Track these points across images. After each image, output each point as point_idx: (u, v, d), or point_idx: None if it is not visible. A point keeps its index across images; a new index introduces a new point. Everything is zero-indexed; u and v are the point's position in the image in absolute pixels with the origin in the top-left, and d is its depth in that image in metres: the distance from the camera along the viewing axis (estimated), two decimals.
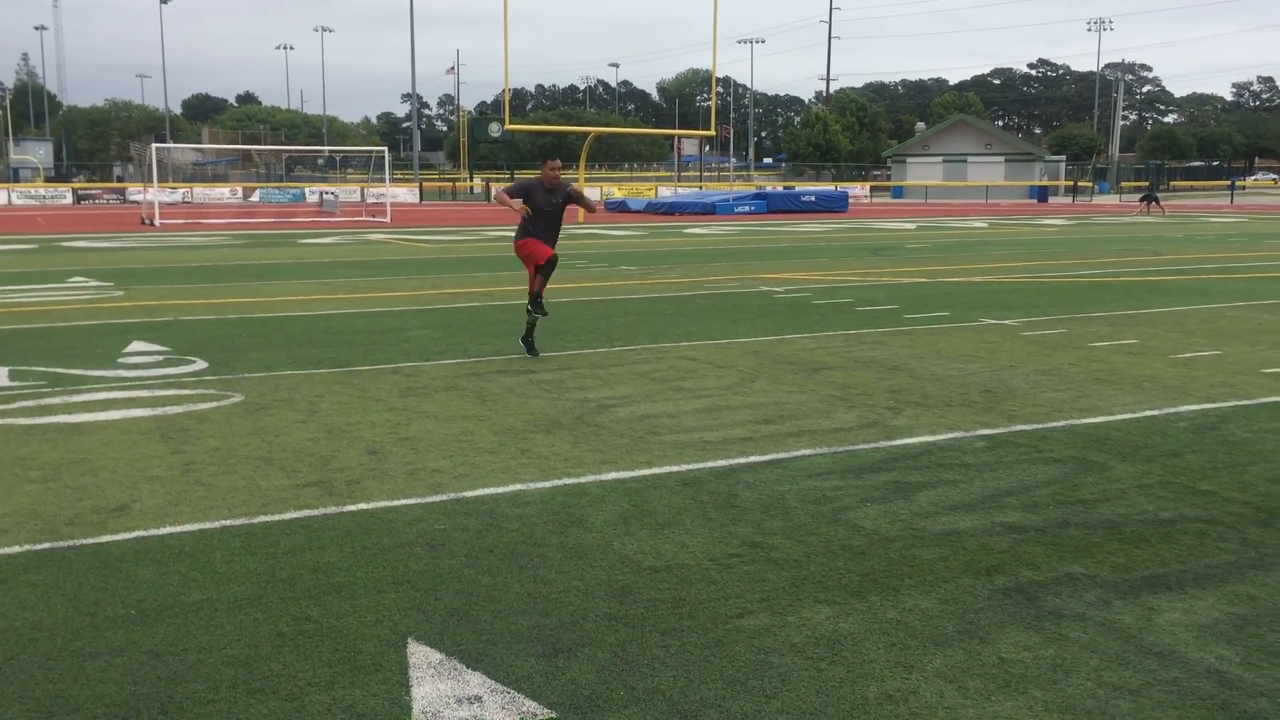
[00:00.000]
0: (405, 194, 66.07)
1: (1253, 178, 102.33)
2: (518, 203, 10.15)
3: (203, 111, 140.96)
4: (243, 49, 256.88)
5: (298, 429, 7.36)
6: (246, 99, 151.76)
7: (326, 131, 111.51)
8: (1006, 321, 12.67)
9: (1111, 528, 5.33)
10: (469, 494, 5.87)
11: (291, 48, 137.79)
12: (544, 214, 10.28)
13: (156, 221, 36.72)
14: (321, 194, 58.71)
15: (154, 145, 38.64)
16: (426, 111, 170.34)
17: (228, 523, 5.39)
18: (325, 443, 6.99)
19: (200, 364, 9.89)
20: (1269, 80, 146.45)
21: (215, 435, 7.18)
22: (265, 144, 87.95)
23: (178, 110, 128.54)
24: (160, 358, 10.25)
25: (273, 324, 12.63)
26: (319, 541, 5.12)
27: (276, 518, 5.47)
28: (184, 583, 4.61)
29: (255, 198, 63.19)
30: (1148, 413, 7.88)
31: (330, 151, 78.67)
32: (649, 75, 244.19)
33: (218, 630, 4.14)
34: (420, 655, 3.92)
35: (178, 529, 5.30)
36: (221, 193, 64.09)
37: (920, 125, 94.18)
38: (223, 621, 4.22)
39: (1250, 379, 9.17)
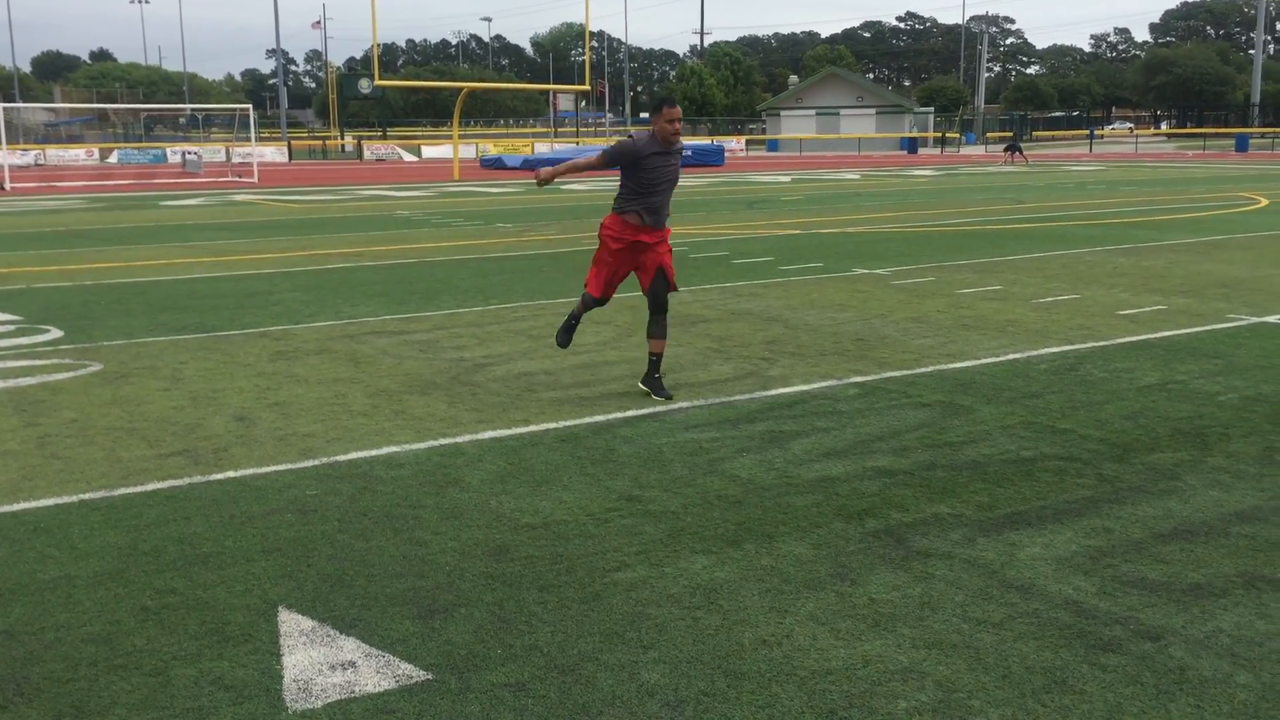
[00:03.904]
0: (273, 153, 64.10)
1: (1110, 127, 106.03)
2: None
3: (54, 70, 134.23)
4: (95, 3, 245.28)
5: (160, 397, 7.12)
6: (101, 56, 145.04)
7: (188, 89, 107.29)
8: (878, 271, 12.92)
9: (976, 468, 5.50)
10: (342, 458, 5.76)
11: (147, 1, 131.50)
12: (656, 187, 7.21)
13: (6, 185, 34.98)
14: (184, 154, 56.49)
15: (1, 105, 36.69)
16: (293, 68, 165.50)
17: (86, 496, 5.19)
18: (190, 410, 6.77)
19: (55, 333, 9.48)
20: (1125, 31, 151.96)
21: (72, 406, 6.89)
22: (122, 103, 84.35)
23: (27, 69, 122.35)
24: (12, 327, 9.78)
25: (133, 290, 12.16)
26: (184, 512, 4.97)
27: (138, 489, 5.29)
28: (40, 559, 4.42)
29: (113, 159, 60.50)
30: (1011, 356, 8.13)
31: (192, 110, 75.82)
32: (522, 30, 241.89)
33: (76, 607, 3.99)
34: (292, 623, 3.84)
35: (32, 504, 5.08)
36: (76, 154, 61.20)
37: (793, 79, 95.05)
38: (82, 598, 4.06)
39: (1107, 321, 9.53)
